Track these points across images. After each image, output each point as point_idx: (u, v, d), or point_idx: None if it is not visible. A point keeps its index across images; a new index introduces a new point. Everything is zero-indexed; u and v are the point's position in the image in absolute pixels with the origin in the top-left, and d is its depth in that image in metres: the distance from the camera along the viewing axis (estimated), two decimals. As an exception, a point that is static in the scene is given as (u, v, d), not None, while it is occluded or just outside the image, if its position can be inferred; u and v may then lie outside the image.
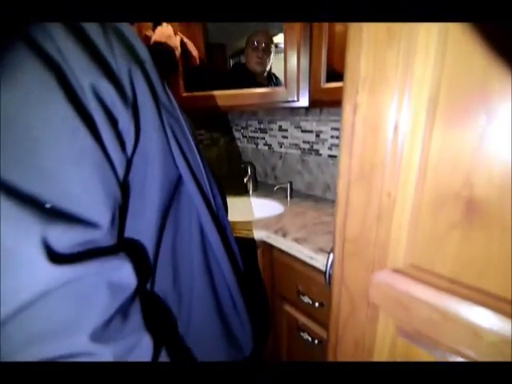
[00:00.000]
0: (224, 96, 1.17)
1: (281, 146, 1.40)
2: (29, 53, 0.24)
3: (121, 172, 0.30)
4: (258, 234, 0.99)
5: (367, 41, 0.32)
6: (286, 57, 1.04)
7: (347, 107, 0.36)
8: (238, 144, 1.66)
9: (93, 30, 0.29)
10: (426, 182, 0.30)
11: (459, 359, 0.32)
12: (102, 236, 0.27)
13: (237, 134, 1.65)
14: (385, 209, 0.34)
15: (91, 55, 0.27)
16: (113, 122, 0.29)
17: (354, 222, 0.38)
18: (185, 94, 1.18)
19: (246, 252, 1.02)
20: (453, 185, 0.29)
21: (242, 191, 1.39)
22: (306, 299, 0.87)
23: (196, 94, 1.18)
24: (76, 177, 0.26)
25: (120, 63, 0.30)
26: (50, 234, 0.24)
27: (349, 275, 0.41)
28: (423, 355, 0.35)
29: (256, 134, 1.52)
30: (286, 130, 1.35)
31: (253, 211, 1.33)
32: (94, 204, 0.27)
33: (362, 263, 0.39)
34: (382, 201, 0.34)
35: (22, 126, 0.24)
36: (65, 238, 0.25)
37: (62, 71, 0.26)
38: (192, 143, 0.40)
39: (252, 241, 1.00)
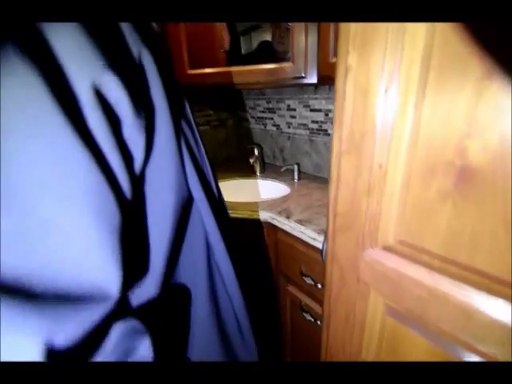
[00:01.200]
0: (230, 73, 1.14)
1: (289, 127, 1.36)
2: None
3: (128, 194, 0.24)
4: (263, 215, 0.98)
5: None
6: (293, 30, 0.98)
7: (339, 70, 0.33)
8: (247, 125, 1.63)
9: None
10: (418, 151, 0.28)
11: (449, 341, 0.31)
12: (114, 304, 0.22)
13: (245, 115, 1.62)
14: (375, 181, 0.32)
15: (90, 35, 0.21)
16: (117, 128, 0.23)
17: (345, 195, 0.36)
18: (190, 72, 1.15)
19: (252, 232, 1.02)
20: (445, 152, 0.26)
21: (250, 173, 1.38)
22: (309, 280, 0.87)
23: (201, 71, 1.16)
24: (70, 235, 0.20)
25: (130, 43, 0.23)
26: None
27: (340, 250, 0.39)
28: (412, 336, 0.34)
29: (264, 115, 1.48)
30: (295, 110, 1.31)
31: (259, 193, 1.32)
32: (99, 268, 0.22)
33: (352, 238, 0.37)
34: (373, 172, 0.32)
35: None
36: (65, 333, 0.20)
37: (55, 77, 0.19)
38: (203, 150, 0.34)
39: (257, 222, 0.99)
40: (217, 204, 0.37)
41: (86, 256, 0.21)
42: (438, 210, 0.28)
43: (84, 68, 0.21)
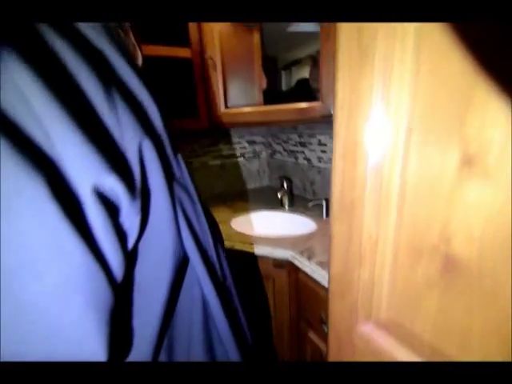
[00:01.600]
0: (261, 112, 1.18)
1: (319, 161, 1.35)
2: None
3: (119, 274, 0.25)
4: (285, 253, 0.96)
5: (342, 61, 0.28)
6: (322, 70, 1.00)
7: (334, 135, 0.33)
8: (279, 157, 1.66)
9: (97, 99, 0.24)
10: (404, 227, 0.26)
11: None
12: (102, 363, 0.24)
13: (278, 148, 1.65)
14: (366, 251, 0.30)
15: (93, 141, 0.23)
16: (114, 216, 0.24)
17: (339, 261, 0.34)
18: (223, 111, 1.23)
19: (273, 270, 1.00)
20: (429, 236, 0.23)
21: (278, 205, 1.37)
22: (329, 328, 0.81)
23: (234, 110, 1.22)
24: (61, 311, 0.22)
25: (128, 140, 0.25)
26: None
27: (337, 317, 0.37)
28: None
29: (296, 148, 1.49)
30: (325, 145, 1.30)
31: (285, 227, 1.30)
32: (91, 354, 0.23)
33: (347, 306, 0.34)
34: (363, 242, 0.30)
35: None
36: None
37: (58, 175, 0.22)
38: (202, 216, 0.36)
39: (279, 260, 0.97)
40: (216, 263, 0.37)
41: (79, 346, 0.23)
42: (426, 296, 0.25)
43: (86, 172, 0.22)
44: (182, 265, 0.33)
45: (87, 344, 0.23)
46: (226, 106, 1.23)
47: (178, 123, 1.19)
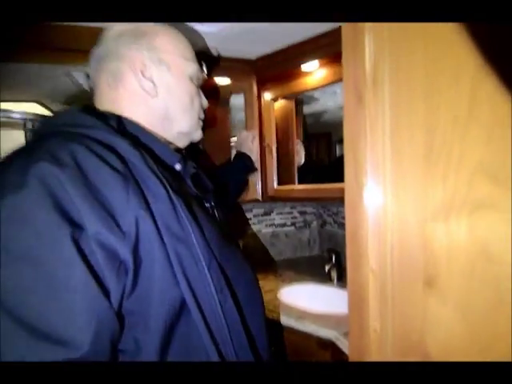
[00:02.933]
0: (309, 190, 1.31)
1: (369, 236, 1.36)
2: (52, 214, 0.33)
3: (117, 297, 0.36)
4: (328, 333, 0.95)
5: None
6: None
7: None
8: (330, 228, 1.70)
9: (116, 194, 0.37)
10: (394, 329, 0.31)
11: None
12: (85, 354, 0.32)
13: (328, 219, 1.70)
14: (371, 346, 0.35)
15: (104, 209, 0.35)
16: (115, 259, 0.35)
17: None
18: (276, 188, 1.38)
19: (313, 350, 0.99)
20: (410, 341, 0.28)
21: (327, 279, 1.37)
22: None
23: (284, 187, 1.37)
24: (67, 308, 0.32)
25: (130, 211, 0.37)
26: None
27: None
28: None
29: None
30: (374, 221, 1.32)
31: (331, 303, 1.28)
32: (76, 329, 0.32)
33: None
34: (370, 336, 0.35)
35: (42, 269, 0.32)
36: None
37: (75, 224, 0.33)
38: (204, 270, 0.41)
39: (322, 339, 0.96)
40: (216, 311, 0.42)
41: (69, 321, 0.33)
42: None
43: (93, 221, 0.35)
44: (176, 306, 0.40)
45: (76, 334, 0.32)
46: (278, 184, 1.39)
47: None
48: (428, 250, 0.29)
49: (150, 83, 0.50)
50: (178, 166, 0.51)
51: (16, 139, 1.77)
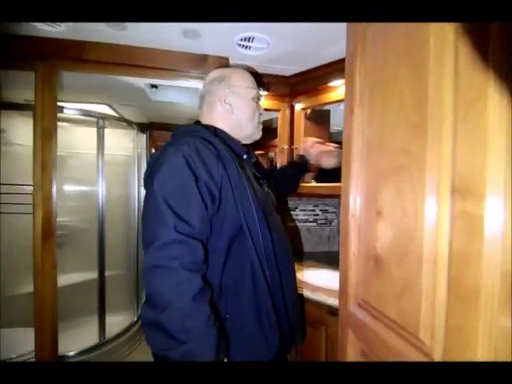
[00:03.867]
0: (330, 187, 1.52)
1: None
2: (187, 170, 0.66)
3: (211, 213, 0.68)
4: (335, 301, 1.13)
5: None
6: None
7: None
8: (348, 226, 1.87)
9: (213, 163, 0.69)
10: (360, 251, 0.53)
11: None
12: (196, 232, 0.64)
13: (347, 218, 1.88)
14: (352, 264, 0.57)
15: (207, 170, 0.68)
16: (211, 194, 0.68)
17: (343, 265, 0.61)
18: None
19: (324, 318, 1.18)
20: (369, 248, 0.50)
21: (341, 267, 1.56)
22: None
23: (307, 185, 1.60)
24: (191, 209, 0.64)
25: (218, 172, 0.69)
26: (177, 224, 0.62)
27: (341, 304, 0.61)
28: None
29: (362, 219, 1.71)
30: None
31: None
32: (194, 218, 0.65)
33: (344, 297, 0.59)
34: (351, 259, 0.57)
35: (183, 192, 0.65)
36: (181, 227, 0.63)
37: (196, 175, 0.66)
38: (253, 209, 0.71)
39: (329, 308, 1.16)
40: (261, 238, 0.72)
41: (192, 215, 0.67)
42: (370, 282, 0.50)
43: (204, 175, 0.68)
44: (238, 229, 0.71)
45: (193, 219, 0.66)
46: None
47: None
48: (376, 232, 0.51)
49: (229, 106, 0.84)
50: (245, 156, 0.86)
51: (90, 134, 2.17)
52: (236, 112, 0.85)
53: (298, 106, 1.65)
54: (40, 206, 1.38)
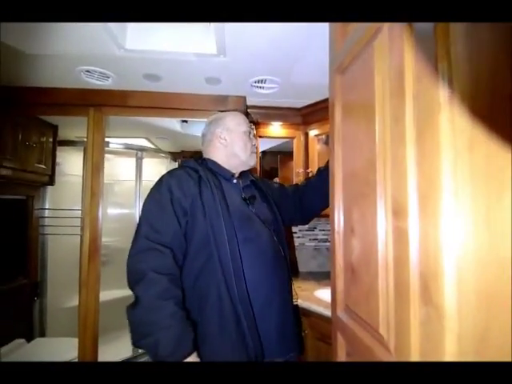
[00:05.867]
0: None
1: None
2: (165, 191, 0.87)
3: (183, 224, 0.85)
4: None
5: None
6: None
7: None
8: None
9: (189, 184, 0.88)
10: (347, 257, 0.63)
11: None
12: (165, 239, 0.82)
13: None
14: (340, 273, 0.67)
15: (181, 189, 0.87)
16: (183, 208, 0.85)
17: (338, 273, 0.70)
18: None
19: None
20: (348, 260, 0.60)
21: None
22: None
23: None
24: (163, 220, 0.83)
25: (191, 191, 0.87)
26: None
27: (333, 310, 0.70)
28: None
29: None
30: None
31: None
32: (164, 227, 0.83)
33: (333, 301, 0.68)
34: (339, 267, 0.67)
35: (158, 207, 0.86)
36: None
37: (171, 194, 0.86)
38: (222, 221, 0.84)
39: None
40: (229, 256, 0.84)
41: (167, 235, 0.87)
42: (350, 289, 0.59)
43: (179, 196, 0.89)
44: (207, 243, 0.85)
45: (168, 238, 0.85)
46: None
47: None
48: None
49: (224, 141, 1.04)
50: (234, 181, 1.03)
51: (130, 163, 2.48)
52: (230, 145, 1.04)
53: (312, 133, 1.79)
54: (88, 228, 1.62)
